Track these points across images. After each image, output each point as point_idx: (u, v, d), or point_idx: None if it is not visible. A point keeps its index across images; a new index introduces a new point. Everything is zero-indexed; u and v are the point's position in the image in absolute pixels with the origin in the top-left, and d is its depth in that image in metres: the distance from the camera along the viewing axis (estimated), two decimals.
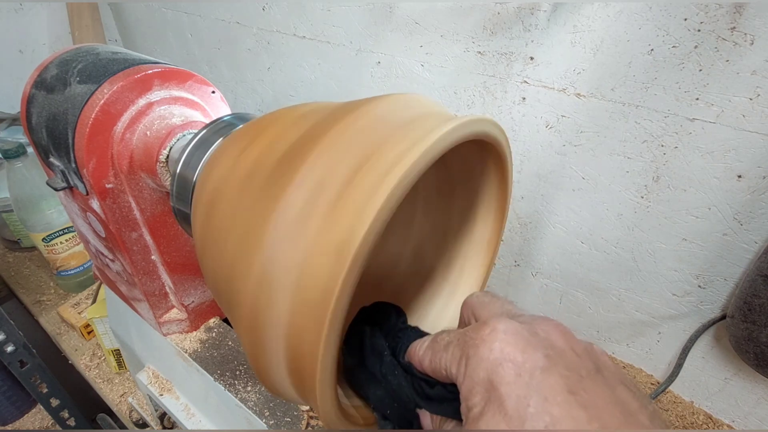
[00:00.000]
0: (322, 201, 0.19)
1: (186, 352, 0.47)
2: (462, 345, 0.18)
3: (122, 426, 0.74)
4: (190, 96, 0.41)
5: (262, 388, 0.44)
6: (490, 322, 0.17)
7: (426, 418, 0.22)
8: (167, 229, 0.43)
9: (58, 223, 0.76)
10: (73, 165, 0.37)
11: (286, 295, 0.19)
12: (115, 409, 0.73)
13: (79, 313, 0.79)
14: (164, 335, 0.49)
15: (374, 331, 0.25)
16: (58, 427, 0.84)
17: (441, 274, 0.34)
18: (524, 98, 0.59)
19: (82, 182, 0.38)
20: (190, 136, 0.35)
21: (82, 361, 0.77)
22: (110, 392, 0.74)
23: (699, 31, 0.45)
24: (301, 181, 0.20)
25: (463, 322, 0.24)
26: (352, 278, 0.18)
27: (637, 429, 0.15)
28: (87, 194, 0.39)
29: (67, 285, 0.85)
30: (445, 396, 0.21)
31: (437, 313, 0.33)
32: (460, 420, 0.19)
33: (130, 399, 0.70)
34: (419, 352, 0.22)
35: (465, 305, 0.23)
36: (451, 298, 0.33)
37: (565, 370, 0.16)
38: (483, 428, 0.15)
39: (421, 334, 0.25)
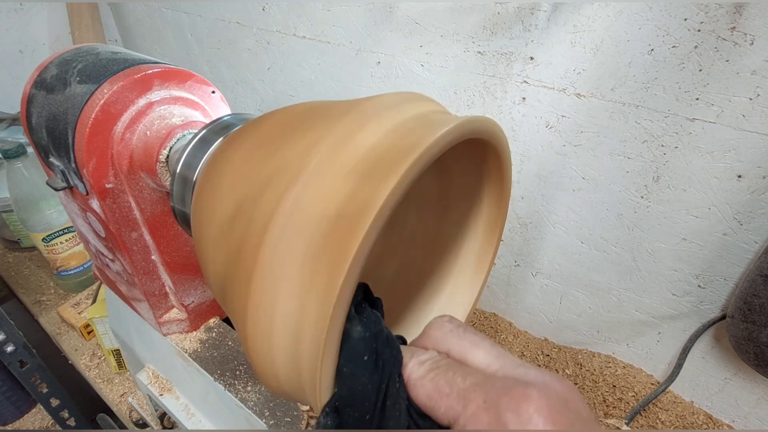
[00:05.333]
0: (325, 198, 0.19)
1: (186, 352, 0.47)
2: (492, 409, 0.16)
3: (122, 426, 0.74)
4: (190, 96, 0.41)
5: (262, 388, 0.44)
6: (528, 392, 0.16)
7: None
8: (167, 229, 0.43)
9: (58, 223, 0.76)
10: (73, 165, 0.37)
11: (290, 288, 0.19)
12: (115, 409, 0.73)
13: (79, 313, 0.79)
14: (164, 335, 0.49)
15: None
16: (58, 427, 0.84)
17: (437, 277, 0.33)
18: (524, 98, 0.59)
19: (82, 182, 0.38)
20: (190, 136, 0.35)
21: (82, 361, 0.77)
22: (110, 392, 0.74)
23: (699, 31, 0.45)
24: (303, 180, 0.20)
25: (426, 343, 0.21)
26: (354, 274, 0.18)
27: None
28: (87, 194, 0.39)
29: (67, 285, 0.85)
30: None
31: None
32: None
33: (130, 399, 0.70)
34: (413, 375, 0.19)
35: (431, 338, 0.20)
36: (451, 300, 0.33)
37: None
38: None
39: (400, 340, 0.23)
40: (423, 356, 0.20)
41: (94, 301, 0.76)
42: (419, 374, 0.19)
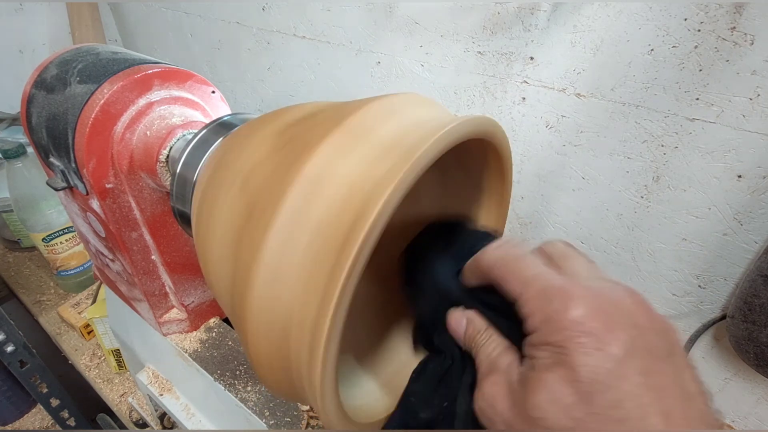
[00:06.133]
0: (323, 200, 0.19)
1: (186, 352, 0.47)
2: (544, 301, 0.18)
3: (122, 426, 0.74)
4: (190, 96, 0.41)
5: (262, 388, 0.44)
6: (577, 291, 0.18)
7: (458, 323, 0.22)
8: (167, 229, 0.43)
9: (58, 223, 0.76)
10: (73, 165, 0.37)
11: (290, 287, 0.19)
12: (115, 409, 0.73)
13: (79, 313, 0.79)
14: (164, 335, 0.49)
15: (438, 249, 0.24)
16: (58, 427, 0.84)
17: None
18: (524, 98, 0.59)
19: (82, 182, 0.38)
20: (190, 136, 0.35)
21: (82, 361, 0.77)
22: (110, 392, 0.74)
23: (699, 31, 0.45)
24: (303, 180, 0.20)
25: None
26: (354, 276, 0.18)
27: (691, 412, 0.16)
28: (87, 194, 0.39)
29: (67, 285, 0.85)
30: (502, 309, 0.20)
31: None
32: (508, 338, 0.20)
33: (130, 399, 0.70)
34: (489, 257, 0.21)
35: (543, 251, 0.22)
36: None
37: (643, 350, 0.17)
38: (549, 382, 0.17)
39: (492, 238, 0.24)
40: (498, 244, 0.22)
41: (94, 301, 0.76)
42: (493, 255, 0.21)
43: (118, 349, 0.72)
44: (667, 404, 0.16)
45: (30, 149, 0.72)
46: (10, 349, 0.71)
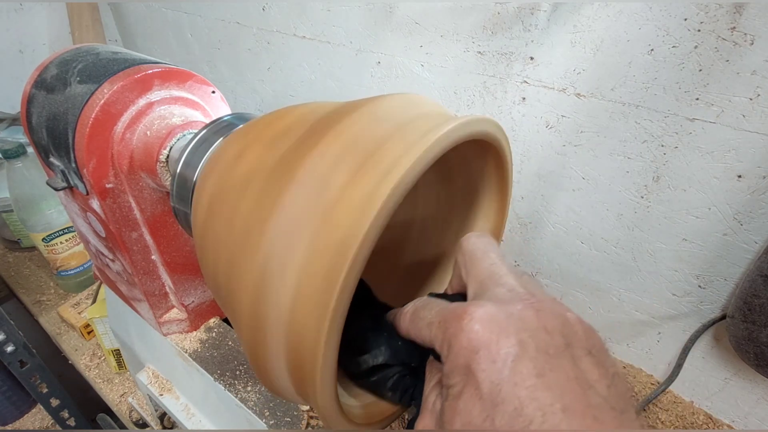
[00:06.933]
0: (323, 199, 0.19)
1: (186, 352, 0.47)
2: (444, 330, 0.19)
3: (122, 426, 0.74)
4: (190, 96, 0.41)
5: (262, 388, 0.44)
6: (469, 309, 0.18)
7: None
8: (167, 229, 0.43)
9: (58, 223, 0.76)
10: (73, 165, 0.37)
11: (288, 288, 0.19)
12: (115, 409, 0.73)
13: (79, 313, 0.79)
14: (164, 335, 0.49)
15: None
16: (58, 427, 0.85)
17: (437, 278, 0.34)
18: (524, 98, 0.59)
19: (82, 182, 0.38)
20: (190, 136, 0.35)
21: (82, 361, 0.77)
22: (110, 392, 0.74)
23: (699, 31, 0.45)
24: (303, 180, 0.20)
25: (456, 267, 0.24)
26: (352, 278, 0.18)
27: (592, 400, 0.16)
28: (87, 194, 0.39)
29: (67, 285, 0.85)
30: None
31: None
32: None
33: (130, 399, 0.70)
34: (402, 324, 0.23)
35: (461, 250, 0.24)
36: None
37: (535, 352, 0.17)
38: (460, 406, 0.17)
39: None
40: (407, 306, 0.24)
41: (94, 301, 0.76)
42: (405, 317, 0.23)
43: (118, 349, 0.72)
44: (566, 399, 0.16)
45: (30, 149, 0.72)
46: (10, 349, 0.71)
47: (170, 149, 0.37)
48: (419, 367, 0.24)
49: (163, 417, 0.66)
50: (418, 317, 0.22)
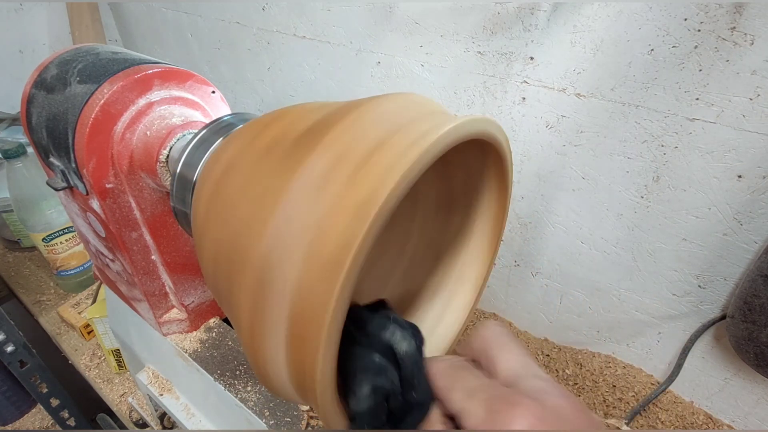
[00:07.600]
0: (323, 198, 0.19)
1: (186, 352, 0.47)
2: (489, 409, 0.19)
3: (122, 426, 0.74)
4: (190, 96, 0.41)
5: (262, 388, 0.44)
6: (523, 402, 0.18)
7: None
8: (167, 229, 0.43)
9: (58, 223, 0.76)
10: (73, 165, 0.37)
11: (288, 286, 0.19)
12: (115, 409, 0.73)
13: (79, 313, 0.79)
14: (164, 335, 0.49)
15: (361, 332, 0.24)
16: (58, 427, 0.84)
17: (437, 278, 0.34)
18: (524, 98, 0.59)
19: (82, 182, 0.38)
20: (190, 136, 0.35)
21: (82, 361, 0.77)
22: (110, 392, 0.74)
23: (699, 31, 0.45)
24: (323, 152, 0.20)
25: (471, 350, 0.24)
26: (354, 272, 0.18)
27: None
28: (87, 194, 0.39)
29: (67, 285, 0.85)
30: (423, 411, 0.21)
31: (432, 322, 0.33)
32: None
33: (130, 399, 0.70)
34: (436, 375, 0.22)
35: (479, 336, 0.23)
36: (448, 304, 0.33)
37: None
38: None
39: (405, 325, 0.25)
40: (444, 358, 0.23)
41: (94, 301, 0.76)
42: (440, 367, 0.22)
43: (118, 349, 0.72)
44: None
45: (30, 149, 0.72)
46: (10, 349, 0.71)
47: (170, 149, 0.37)
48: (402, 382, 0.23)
49: (163, 417, 0.66)
50: (456, 378, 0.21)
